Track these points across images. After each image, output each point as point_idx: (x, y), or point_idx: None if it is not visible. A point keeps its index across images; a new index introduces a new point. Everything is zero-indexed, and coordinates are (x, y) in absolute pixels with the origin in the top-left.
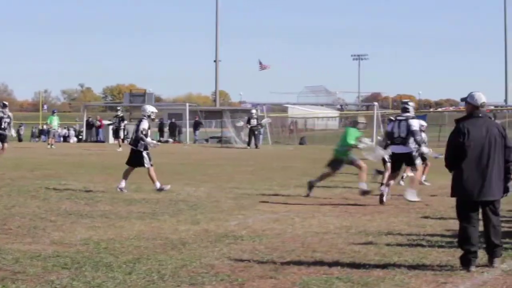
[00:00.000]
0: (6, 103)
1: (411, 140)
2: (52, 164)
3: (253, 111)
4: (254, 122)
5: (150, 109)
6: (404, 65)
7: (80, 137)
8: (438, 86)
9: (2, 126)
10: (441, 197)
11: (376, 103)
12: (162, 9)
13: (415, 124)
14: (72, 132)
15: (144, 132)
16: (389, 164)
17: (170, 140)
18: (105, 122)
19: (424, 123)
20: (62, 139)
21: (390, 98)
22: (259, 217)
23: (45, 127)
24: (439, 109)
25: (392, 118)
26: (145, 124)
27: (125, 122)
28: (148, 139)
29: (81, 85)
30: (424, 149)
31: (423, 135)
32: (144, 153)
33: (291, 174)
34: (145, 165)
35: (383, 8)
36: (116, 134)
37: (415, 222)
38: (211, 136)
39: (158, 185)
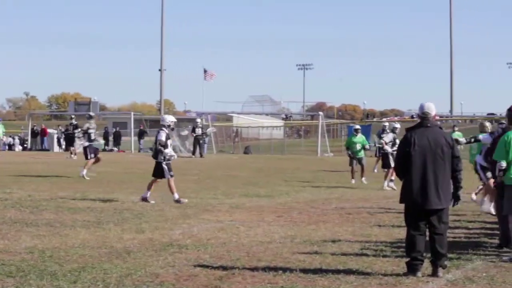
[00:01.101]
0: (92, 114)
1: None
2: None
3: (198, 120)
4: (199, 131)
5: (169, 118)
6: (350, 74)
7: (25, 145)
8: (383, 96)
9: (92, 138)
10: (386, 206)
11: (321, 113)
12: (107, 18)
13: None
14: (17, 141)
15: (161, 143)
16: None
17: (115, 149)
18: (50, 130)
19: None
20: (7, 147)
21: (335, 107)
22: (204, 226)
23: None
24: (384, 119)
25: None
26: (162, 135)
27: (79, 129)
28: (167, 150)
29: (26, 93)
30: None
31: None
32: (164, 164)
33: (235, 183)
34: (165, 176)
35: (328, 17)
36: (69, 143)
37: (360, 231)
38: None
39: (176, 196)
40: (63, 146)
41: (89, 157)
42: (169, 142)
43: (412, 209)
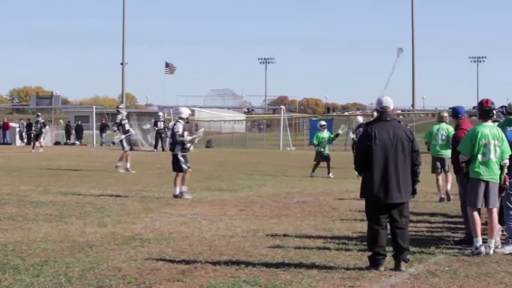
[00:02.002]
0: (122, 106)
1: None
2: None
3: (160, 114)
4: (160, 125)
5: (186, 111)
6: (311, 68)
7: None
8: (345, 90)
9: (126, 129)
10: (348, 200)
11: (283, 107)
12: (69, 12)
13: None
14: None
15: (180, 135)
16: None
17: (77, 142)
18: (12, 124)
19: None
20: None
21: (296, 101)
22: (166, 220)
23: None
24: (346, 113)
25: None
26: (179, 127)
27: (47, 127)
28: (187, 137)
29: None
30: None
31: None
32: (180, 156)
33: (197, 177)
34: (182, 168)
35: (289, 12)
36: (36, 138)
37: (322, 225)
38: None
39: (183, 188)
40: (25, 140)
41: (125, 149)
42: (185, 133)
43: (373, 204)
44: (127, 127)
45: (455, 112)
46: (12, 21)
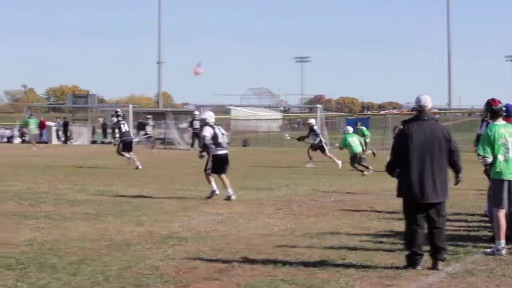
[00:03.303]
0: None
1: None
2: None
3: (196, 112)
4: (196, 124)
5: (211, 115)
6: (347, 67)
7: (24, 138)
8: (381, 89)
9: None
10: (386, 199)
11: (319, 105)
12: (105, 10)
13: None
14: (16, 133)
15: (207, 138)
16: None
17: (114, 141)
18: (49, 123)
19: None
20: (6, 139)
21: (333, 100)
22: (203, 219)
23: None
24: (382, 112)
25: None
26: (207, 131)
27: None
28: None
29: (24, 86)
30: None
31: None
32: (211, 158)
33: (234, 176)
34: (207, 168)
35: (326, 10)
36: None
37: (360, 224)
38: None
39: (214, 186)
40: (62, 139)
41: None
42: (220, 135)
43: (410, 203)
44: (123, 129)
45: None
46: (48, 19)
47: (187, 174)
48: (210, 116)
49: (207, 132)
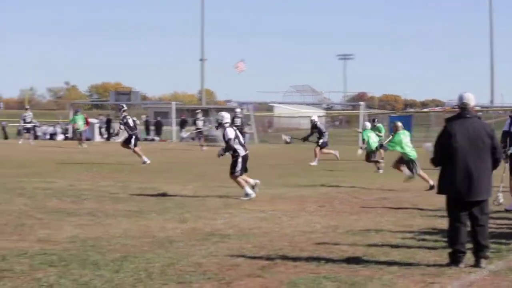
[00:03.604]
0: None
1: None
2: (38, 162)
3: (238, 110)
4: (238, 121)
5: (227, 115)
6: (390, 65)
7: (67, 135)
8: (424, 86)
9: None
10: (428, 196)
11: (362, 103)
12: (147, 7)
13: None
14: (58, 130)
15: (230, 141)
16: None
17: (157, 138)
18: (92, 120)
19: None
20: (49, 136)
21: (376, 97)
22: (246, 216)
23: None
24: (424, 110)
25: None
26: (231, 133)
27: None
28: (233, 146)
29: (67, 83)
30: None
31: None
32: (240, 159)
33: (276, 173)
34: (233, 171)
35: (369, 8)
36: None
37: (403, 222)
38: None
39: (247, 190)
40: (105, 136)
41: (132, 146)
42: (240, 135)
43: (453, 201)
44: (131, 124)
45: None
46: (91, 16)
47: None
48: (226, 117)
49: (231, 134)
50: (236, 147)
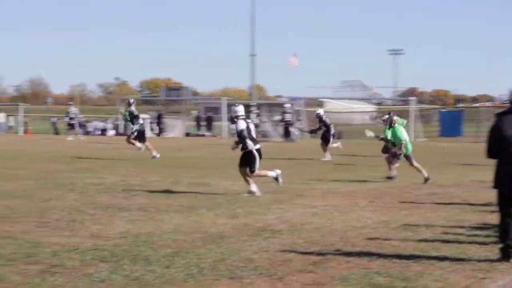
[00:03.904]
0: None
1: None
2: (88, 157)
3: (287, 105)
4: (287, 116)
5: (241, 109)
6: (441, 60)
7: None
8: (475, 81)
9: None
10: (480, 192)
11: (413, 98)
12: (198, 2)
13: None
14: (109, 125)
15: (243, 132)
16: None
17: (207, 133)
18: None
19: None
20: (100, 132)
21: (426, 93)
22: (297, 211)
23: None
24: (475, 105)
25: None
26: (242, 124)
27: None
28: (247, 140)
29: (117, 78)
30: None
31: None
32: (255, 154)
33: (327, 168)
34: (252, 167)
35: (419, 3)
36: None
37: (453, 217)
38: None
39: (253, 187)
40: (155, 131)
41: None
42: (253, 129)
43: (503, 196)
44: (140, 121)
45: None
46: (141, 11)
47: (280, 167)
48: (240, 111)
49: (243, 125)
50: (246, 141)
